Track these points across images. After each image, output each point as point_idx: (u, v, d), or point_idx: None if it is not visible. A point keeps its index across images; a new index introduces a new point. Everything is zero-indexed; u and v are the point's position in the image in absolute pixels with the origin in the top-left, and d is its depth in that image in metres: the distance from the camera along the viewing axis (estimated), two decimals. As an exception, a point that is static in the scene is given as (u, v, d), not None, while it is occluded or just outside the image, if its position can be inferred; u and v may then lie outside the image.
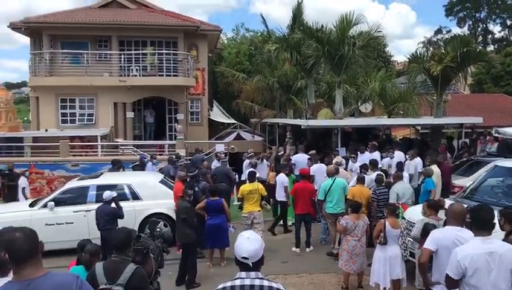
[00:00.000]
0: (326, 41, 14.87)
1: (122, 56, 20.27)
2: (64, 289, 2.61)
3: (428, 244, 4.60)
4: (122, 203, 9.70)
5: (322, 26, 15.84)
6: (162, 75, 20.25)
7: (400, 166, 10.79)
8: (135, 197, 10.53)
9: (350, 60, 14.96)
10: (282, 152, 15.59)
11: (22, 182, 13.38)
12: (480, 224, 3.97)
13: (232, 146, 18.38)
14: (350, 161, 12.22)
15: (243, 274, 2.92)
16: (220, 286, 2.93)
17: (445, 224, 5.12)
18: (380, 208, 8.68)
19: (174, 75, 20.35)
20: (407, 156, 12.23)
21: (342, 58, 14.67)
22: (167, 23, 21.07)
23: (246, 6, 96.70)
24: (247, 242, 2.92)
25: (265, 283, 2.90)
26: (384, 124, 17.53)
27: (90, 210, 9.65)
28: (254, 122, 23.60)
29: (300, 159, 13.13)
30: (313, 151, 13.31)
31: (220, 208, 8.86)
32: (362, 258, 7.65)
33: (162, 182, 11.16)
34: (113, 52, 20.53)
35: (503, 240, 4.47)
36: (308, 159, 12.40)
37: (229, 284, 2.90)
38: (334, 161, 11.00)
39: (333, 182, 9.50)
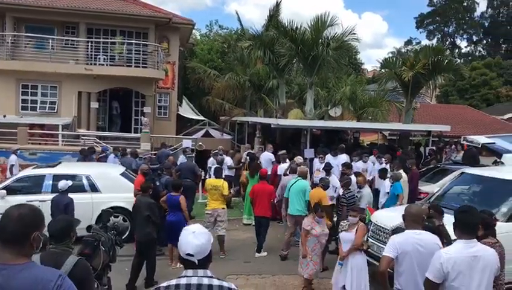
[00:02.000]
0: (300, 40, 14.71)
1: (90, 44, 19.55)
2: (38, 285, 2.30)
3: (388, 251, 4.37)
4: (79, 195, 9.33)
5: (297, 26, 15.64)
6: (131, 66, 19.67)
7: (385, 171, 10.73)
8: (94, 189, 10.03)
9: (323, 62, 14.83)
10: (250, 151, 15.33)
11: (12, 159, 13.09)
12: (465, 227, 3.79)
13: (200, 143, 18.02)
14: (318, 161, 12.07)
15: (190, 272, 2.62)
16: (164, 284, 2.64)
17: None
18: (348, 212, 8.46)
19: (143, 67, 19.81)
20: (383, 159, 12.22)
21: (315, 58, 14.53)
22: (138, 13, 20.49)
23: (221, 6, 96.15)
24: (192, 237, 2.60)
25: (215, 281, 2.60)
26: (354, 127, 17.54)
27: (45, 200, 9.05)
28: (223, 120, 23.28)
29: (266, 157, 13.00)
30: (283, 151, 13.15)
31: (178, 204, 8.44)
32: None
33: (123, 174, 10.67)
34: (80, 40, 19.80)
35: None
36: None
37: (173, 282, 2.60)
38: (296, 161, 10.85)
39: (294, 182, 9.24)
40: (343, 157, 12.33)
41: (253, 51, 17.40)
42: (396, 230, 5.62)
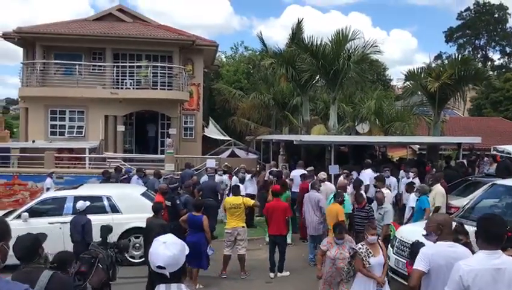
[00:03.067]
0: (321, 55, 14.54)
1: (116, 68, 19.95)
2: None
3: (419, 264, 3.94)
4: (100, 216, 9.29)
5: (317, 41, 15.50)
6: (156, 89, 19.92)
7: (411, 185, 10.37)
8: (115, 209, 9.99)
9: (345, 76, 14.58)
10: (274, 169, 15.10)
11: (47, 182, 13.31)
12: (488, 236, 3.39)
13: (226, 163, 17.91)
14: (342, 178, 11.72)
15: (162, 287, 2.40)
16: None
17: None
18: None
19: (168, 89, 20.03)
20: (410, 174, 11.81)
21: (337, 73, 14.31)
22: (162, 37, 20.84)
23: (248, 29, 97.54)
24: (163, 248, 2.39)
25: None
26: (378, 141, 17.04)
27: (66, 222, 9.06)
28: (249, 139, 23.21)
29: (297, 174, 12.71)
30: (311, 168, 12.90)
31: (200, 224, 8.24)
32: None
33: (144, 195, 10.61)
34: (106, 65, 20.24)
35: None
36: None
37: None
38: (319, 177, 10.57)
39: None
40: (368, 173, 11.97)
41: (276, 69, 17.35)
42: (415, 244, 5.21)
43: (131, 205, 10.13)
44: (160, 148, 20.82)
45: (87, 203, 8.18)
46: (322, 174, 11.36)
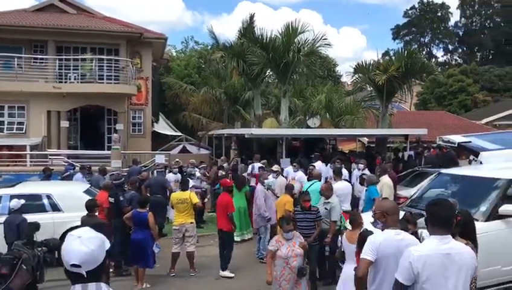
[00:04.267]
0: (271, 48, 14.44)
1: (59, 62, 18.99)
2: None
3: (366, 253, 3.85)
4: (39, 215, 8.72)
5: (267, 34, 15.38)
6: (102, 83, 19.14)
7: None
8: (55, 208, 9.44)
9: (295, 68, 14.55)
10: (225, 163, 14.88)
11: None
12: (437, 221, 3.32)
13: (177, 159, 17.49)
14: (292, 171, 11.71)
15: (78, 288, 2.10)
16: None
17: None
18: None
19: (114, 83, 19.30)
20: (360, 165, 11.90)
21: (287, 65, 14.26)
22: (108, 29, 20.06)
23: (200, 25, 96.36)
24: (78, 243, 2.07)
25: None
26: (329, 134, 17.17)
27: (1, 223, 8.46)
28: (200, 134, 22.85)
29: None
30: (264, 161, 12.82)
31: (145, 221, 7.88)
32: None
33: (87, 192, 10.07)
34: (48, 58, 19.24)
35: None
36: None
37: None
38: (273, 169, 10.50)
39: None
40: (318, 165, 11.99)
41: (227, 62, 17.13)
42: (363, 233, 5.13)
43: (73, 203, 9.55)
44: (107, 145, 20.07)
45: (22, 201, 7.68)
46: (275, 167, 11.29)
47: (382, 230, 4.02)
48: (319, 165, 11.91)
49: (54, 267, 3.89)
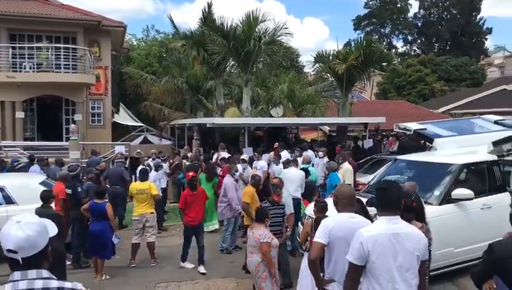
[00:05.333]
0: (232, 36, 14.36)
1: (11, 50, 18.26)
2: None
3: (319, 236, 3.92)
4: (-7, 209, 8.43)
5: (228, 22, 15.27)
6: (59, 72, 18.54)
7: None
8: (9, 201, 9.11)
9: (257, 57, 14.54)
10: (189, 153, 14.74)
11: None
12: (385, 202, 3.42)
13: (138, 150, 17.21)
14: (255, 160, 11.73)
15: (17, 275, 2.02)
16: None
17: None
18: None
19: (72, 72, 18.73)
20: (320, 153, 12.08)
21: (249, 54, 14.22)
22: (65, 17, 19.42)
23: (162, 13, 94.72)
24: (16, 228, 1.99)
25: (53, 283, 2.03)
26: (291, 122, 17.30)
27: (-48, 218, 8.11)
28: (162, 125, 22.54)
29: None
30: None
31: (103, 212, 7.73)
32: (258, 282, 5.84)
33: (43, 184, 9.75)
34: (1, 46, 18.47)
35: None
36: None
37: None
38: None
39: None
40: (285, 155, 12.09)
41: (188, 51, 16.91)
42: (317, 218, 5.23)
43: (28, 195, 9.20)
44: (66, 136, 19.52)
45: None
46: (245, 157, 11.32)
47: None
48: (285, 154, 11.99)
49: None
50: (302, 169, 10.00)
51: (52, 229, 2.13)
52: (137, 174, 9.67)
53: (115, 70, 24.38)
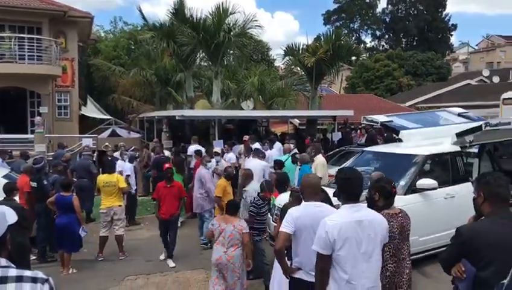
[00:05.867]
0: (202, 28, 14.27)
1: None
2: None
3: (284, 226, 3.97)
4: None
5: (198, 13, 15.17)
6: (23, 63, 17.99)
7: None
8: (-32, 195, 8.81)
9: (226, 49, 14.50)
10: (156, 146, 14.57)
11: None
12: (347, 190, 3.50)
13: (107, 143, 16.91)
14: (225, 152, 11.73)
15: None
16: None
17: None
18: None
19: (37, 64, 18.21)
20: (290, 145, 12.14)
21: (218, 46, 14.15)
22: (29, 6, 18.85)
23: (131, 5, 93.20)
24: None
25: (13, 272, 2.00)
26: (261, 115, 17.34)
27: None
28: (131, 117, 22.21)
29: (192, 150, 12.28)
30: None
31: (70, 205, 7.59)
32: (234, 278, 5.65)
33: (6, 177, 9.49)
34: (-39, 35, 17.81)
35: None
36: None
37: None
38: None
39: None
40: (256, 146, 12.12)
41: (157, 43, 16.69)
42: (284, 208, 5.28)
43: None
44: (31, 128, 19.00)
45: None
46: (217, 149, 11.31)
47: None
48: (256, 146, 12.02)
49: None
50: (276, 161, 10.01)
51: (11, 217, 2.09)
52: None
53: (82, 62, 23.85)
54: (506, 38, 65.45)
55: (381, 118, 10.20)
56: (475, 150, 8.83)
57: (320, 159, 10.00)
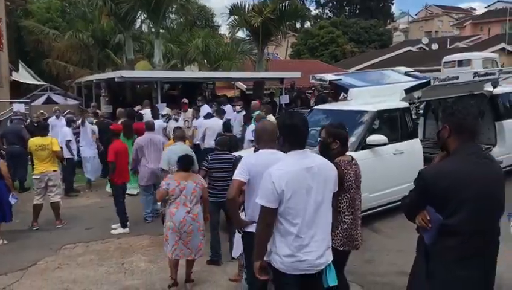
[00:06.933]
0: (141, -16, 13.41)
1: None
2: None
3: (238, 174, 3.62)
4: None
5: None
6: None
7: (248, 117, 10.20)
8: None
9: (168, 7, 13.72)
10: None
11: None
12: (293, 136, 3.13)
13: (42, 111, 15.78)
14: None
15: None
16: None
17: None
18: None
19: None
20: (237, 107, 11.82)
21: (159, 4, 13.35)
22: None
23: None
24: None
25: None
26: (206, 77, 16.74)
27: None
28: (67, 83, 20.95)
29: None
30: (138, 107, 12.10)
31: (-4, 172, 6.89)
32: (199, 238, 5.29)
33: None
34: None
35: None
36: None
37: None
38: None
39: None
40: (206, 108, 11.72)
41: (93, 1, 15.57)
42: (236, 159, 4.97)
43: None
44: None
45: None
46: (165, 111, 10.87)
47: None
48: (205, 108, 11.65)
49: None
50: (224, 123, 9.66)
51: None
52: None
53: (10, 24, 22.02)
54: (443, 8, 67.59)
55: (329, 76, 10.02)
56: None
57: (272, 119, 9.78)
